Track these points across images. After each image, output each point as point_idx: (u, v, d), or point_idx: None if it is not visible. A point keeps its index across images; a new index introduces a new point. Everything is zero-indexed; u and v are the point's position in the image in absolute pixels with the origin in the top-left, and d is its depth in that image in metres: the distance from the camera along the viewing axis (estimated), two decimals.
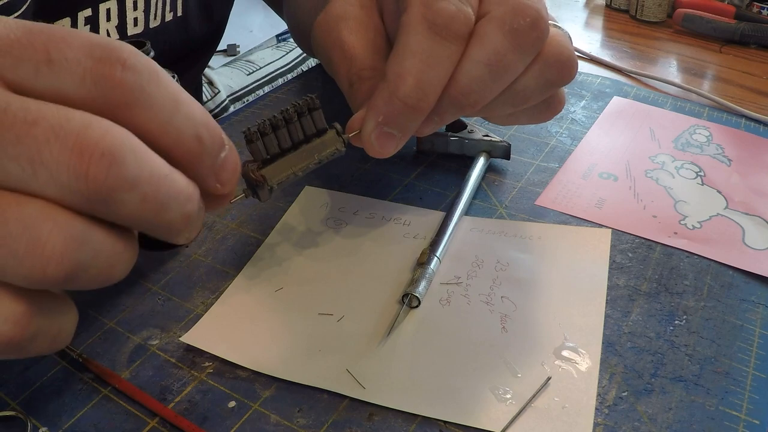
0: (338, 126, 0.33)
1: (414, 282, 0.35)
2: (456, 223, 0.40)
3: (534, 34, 0.31)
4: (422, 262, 0.36)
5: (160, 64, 0.37)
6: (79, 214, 0.22)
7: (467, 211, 0.42)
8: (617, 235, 0.40)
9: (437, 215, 0.42)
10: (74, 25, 0.43)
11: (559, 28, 0.35)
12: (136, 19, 0.47)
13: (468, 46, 0.31)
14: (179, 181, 0.24)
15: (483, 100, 0.32)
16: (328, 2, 0.38)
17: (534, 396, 0.30)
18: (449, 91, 0.32)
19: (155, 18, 0.49)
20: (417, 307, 0.34)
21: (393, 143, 0.32)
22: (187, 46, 0.54)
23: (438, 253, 0.37)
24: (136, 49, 0.23)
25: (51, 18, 0.42)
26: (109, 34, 0.45)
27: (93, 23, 0.44)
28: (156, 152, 0.23)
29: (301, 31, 0.60)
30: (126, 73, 0.22)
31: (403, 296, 0.34)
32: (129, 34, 0.46)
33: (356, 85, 0.35)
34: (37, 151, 0.21)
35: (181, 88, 0.25)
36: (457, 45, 0.31)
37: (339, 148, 0.33)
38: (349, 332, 0.33)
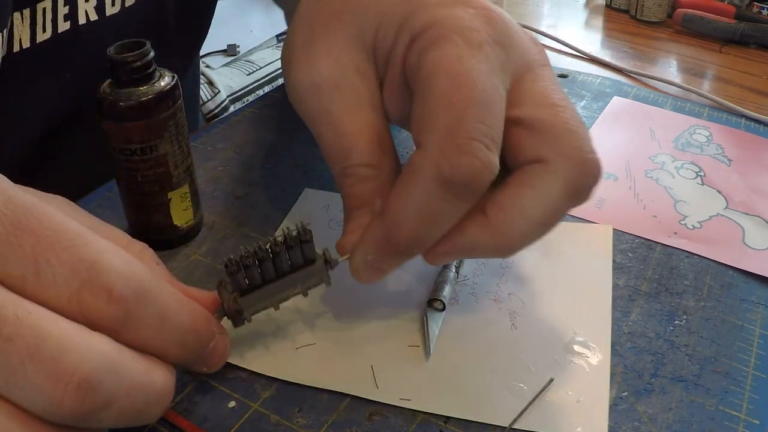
0: (328, 253, 0.30)
1: (438, 286, 0.35)
2: None
3: (593, 188, 0.29)
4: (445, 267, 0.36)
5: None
6: None
7: None
8: (617, 234, 0.40)
9: None
10: (54, 3, 0.42)
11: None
12: None
13: (520, 197, 0.28)
14: (158, 382, 0.24)
15: (522, 248, 0.30)
16: (311, 48, 0.32)
17: (539, 393, 0.30)
18: (493, 241, 0.29)
19: None
20: (443, 310, 0.34)
21: (380, 275, 0.30)
22: (165, 29, 0.52)
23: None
24: (125, 267, 0.23)
25: None
26: (87, 14, 0.44)
27: (72, 2, 0.43)
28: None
29: None
30: (111, 305, 0.22)
31: (429, 300, 0.34)
32: (107, 15, 0.45)
33: (350, 180, 0.31)
34: (11, 372, 0.21)
35: (172, 292, 0.25)
36: (471, 202, 0.27)
37: (325, 281, 0.31)
38: (349, 333, 0.33)
